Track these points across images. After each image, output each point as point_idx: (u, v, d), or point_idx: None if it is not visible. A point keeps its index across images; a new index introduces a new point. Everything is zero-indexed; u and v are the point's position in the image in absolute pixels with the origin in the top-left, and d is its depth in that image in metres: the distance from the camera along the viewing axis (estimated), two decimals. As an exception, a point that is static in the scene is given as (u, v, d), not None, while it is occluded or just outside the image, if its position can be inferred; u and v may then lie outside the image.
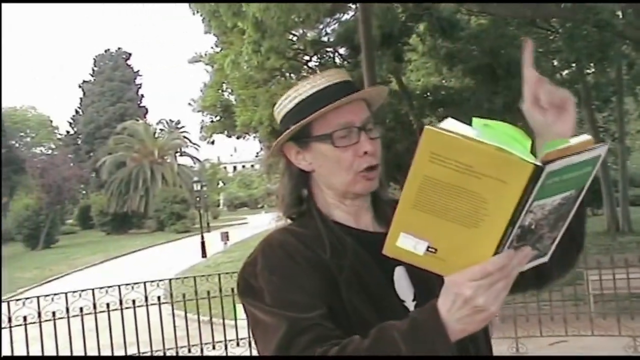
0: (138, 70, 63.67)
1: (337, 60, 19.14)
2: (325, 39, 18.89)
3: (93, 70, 62.42)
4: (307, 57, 19.11)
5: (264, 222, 1.54)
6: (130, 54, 63.52)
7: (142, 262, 26.96)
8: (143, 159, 49.44)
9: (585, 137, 1.09)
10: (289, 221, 1.54)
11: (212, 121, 21.95)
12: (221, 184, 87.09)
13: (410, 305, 1.39)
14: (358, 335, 1.20)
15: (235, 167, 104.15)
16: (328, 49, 18.88)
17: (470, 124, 1.05)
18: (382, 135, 1.54)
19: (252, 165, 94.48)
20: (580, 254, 1.53)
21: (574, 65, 18.00)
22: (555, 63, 18.82)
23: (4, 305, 6.43)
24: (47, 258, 33.05)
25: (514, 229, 1.02)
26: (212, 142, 23.12)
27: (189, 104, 25.20)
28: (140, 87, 63.65)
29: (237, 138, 21.89)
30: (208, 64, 20.05)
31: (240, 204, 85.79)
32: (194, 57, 20.82)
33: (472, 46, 16.30)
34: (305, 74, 18.68)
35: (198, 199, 35.12)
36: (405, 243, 1.08)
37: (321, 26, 18.35)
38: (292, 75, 19.07)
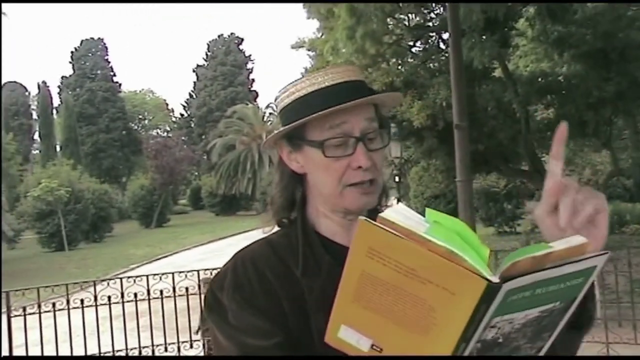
0: (249, 55, 65.02)
1: (442, 45, 18.65)
2: (430, 23, 18.44)
3: (206, 55, 64.40)
4: (411, 43, 18.72)
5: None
6: (242, 39, 64.93)
7: (246, 244, 27.63)
8: (252, 142, 50.53)
9: (577, 240, 0.88)
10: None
11: (313, 107, 22.08)
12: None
13: None
14: None
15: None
16: (431, 34, 18.40)
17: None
18: (386, 145, 1.35)
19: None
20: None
21: None
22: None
23: (100, 284, 6.74)
24: (158, 236, 34.62)
25: (468, 345, 0.86)
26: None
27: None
28: (251, 72, 65.05)
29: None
30: (310, 49, 20.13)
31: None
32: (297, 43, 20.95)
33: (586, 30, 15.40)
34: (409, 60, 18.33)
35: (302, 183, 35.53)
36: (347, 336, 0.95)
37: (426, 10, 17.92)
38: (398, 61, 18.77)
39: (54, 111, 57.07)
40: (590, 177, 24.91)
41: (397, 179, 19.02)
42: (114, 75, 61.92)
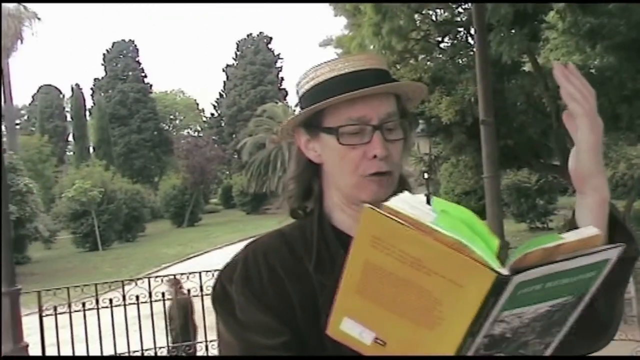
0: (278, 54, 65.17)
1: (470, 40, 18.48)
2: (458, 18, 18.27)
3: (236, 54, 64.68)
4: (438, 38, 18.57)
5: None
6: (271, 38, 65.07)
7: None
8: (281, 140, 50.55)
9: (591, 231, 0.85)
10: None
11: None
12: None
13: None
14: None
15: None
16: (459, 29, 18.24)
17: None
18: (407, 137, 1.30)
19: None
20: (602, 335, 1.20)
21: None
22: None
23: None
24: (190, 235, 34.92)
25: (474, 339, 0.83)
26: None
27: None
28: (280, 70, 65.19)
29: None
30: (337, 47, 20.08)
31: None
32: (325, 41, 20.92)
33: (619, 20, 15.10)
34: (437, 56, 18.20)
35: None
36: (350, 328, 0.93)
37: (454, 5, 17.77)
38: (426, 57, 18.64)
39: (87, 113, 57.89)
40: (625, 172, 24.44)
41: (425, 175, 18.90)
42: (145, 76, 62.56)
